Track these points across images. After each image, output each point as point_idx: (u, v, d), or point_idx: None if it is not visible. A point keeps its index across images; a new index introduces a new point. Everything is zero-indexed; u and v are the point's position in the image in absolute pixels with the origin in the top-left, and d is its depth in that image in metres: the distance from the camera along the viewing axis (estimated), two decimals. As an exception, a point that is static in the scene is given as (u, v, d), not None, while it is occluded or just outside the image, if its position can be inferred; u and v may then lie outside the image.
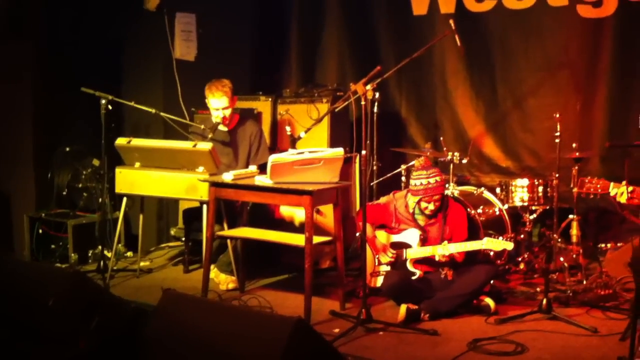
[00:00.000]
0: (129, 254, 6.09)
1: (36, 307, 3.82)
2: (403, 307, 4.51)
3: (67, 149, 6.15)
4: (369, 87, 5.17)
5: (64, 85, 5.95)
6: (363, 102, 4.34)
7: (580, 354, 4.02)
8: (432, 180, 4.69)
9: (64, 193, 6.12)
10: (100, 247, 5.64)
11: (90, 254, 5.93)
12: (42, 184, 6.16)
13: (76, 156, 6.14)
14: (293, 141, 4.92)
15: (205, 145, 4.92)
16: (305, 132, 4.70)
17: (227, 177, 4.69)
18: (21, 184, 6.13)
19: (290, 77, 7.56)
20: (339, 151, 4.54)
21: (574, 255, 5.31)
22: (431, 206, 4.74)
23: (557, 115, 5.20)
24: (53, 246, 5.98)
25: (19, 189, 6.12)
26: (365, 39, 7.15)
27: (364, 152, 4.32)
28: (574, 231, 5.39)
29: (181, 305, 3.74)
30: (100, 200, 5.82)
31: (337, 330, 4.32)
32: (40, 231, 5.97)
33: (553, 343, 4.16)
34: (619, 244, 5.44)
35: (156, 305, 3.82)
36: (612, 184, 4.39)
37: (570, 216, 5.36)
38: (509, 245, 4.51)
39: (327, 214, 5.19)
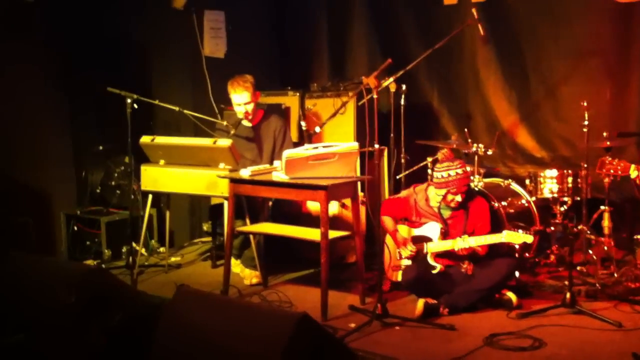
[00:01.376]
0: (162, 249, 6.19)
1: (57, 305, 3.92)
2: (420, 302, 4.46)
3: (100, 147, 6.29)
4: (390, 79, 5.19)
5: (96, 85, 6.06)
6: (375, 96, 4.30)
7: (600, 349, 3.92)
8: (458, 172, 4.61)
9: (98, 191, 6.26)
10: (133, 243, 5.75)
11: (124, 250, 6.05)
12: (78, 183, 6.34)
13: (109, 155, 6.28)
14: (309, 136, 4.91)
15: (224, 142, 4.96)
16: (321, 127, 4.68)
17: (245, 173, 4.72)
18: (61, 184, 6.28)
19: (321, 72, 7.54)
20: (354, 145, 4.53)
21: (605, 248, 5.15)
22: (458, 198, 4.66)
23: (585, 104, 5.05)
24: (88, 243, 6.13)
25: (59, 189, 6.27)
26: (395, 31, 7.07)
27: (376, 146, 4.29)
28: (606, 222, 5.22)
29: (192, 302, 3.75)
30: (131, 197, 5.93)
31: (353, 325, 4.30)
32: (76, 228, 6.12)
33: (573, 338, 4.06)
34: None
35: (168, 301, 3.90)
36: (633, 165, 4.21)
37: (602, 207, 5.20)
38: (529, 239, 4.40)
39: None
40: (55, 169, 6.20)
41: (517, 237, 4.42)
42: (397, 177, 5.69)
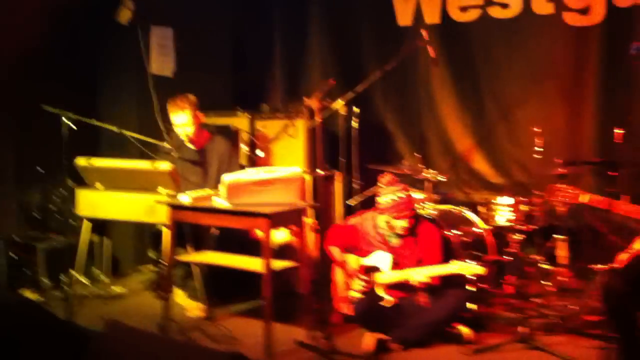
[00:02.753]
0: (104, 278, 5.87)
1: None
2: (371, 337, 4.25)
3: (39, 168, 5.96)
4: (339, 101, 5.01)
5: (37, 102, 5.77)
6: (319, 118, 4.09)
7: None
8: (400, 195, 4.44)
9: (35, 214, 5.93)
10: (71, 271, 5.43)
11: (63, 279, 5.71)
12: (18, 205, 6.00)
13: (47, 176, 5.94)
14: (250, 160, 4.68)
15: (164, 166, 4.70)
16: (262, 151, 4.45)
17: (184, 198, 4.46)
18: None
19: (276, 93, 7.36)
20: (297, 171, 4.30)
21: (560, 278, 5.00)
22: (403, 223, 4.46)
23: (538, 130, 4.91)
24: (25, 270, 5.77)
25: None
26: (351, 52, 6.92)
27: (318, 170, 4.07)
28: (561, 252, 5.09)
29: (121, 338, 3.54)
30: (70, 221, 5.62)
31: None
32: (12, 254, 5.76)
33: (528, 376, 3.88)
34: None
35: (96, 336, 3.66)
36: (584, 193, 4.05)
37: (556, 236, 5.05)
38: (480, 270, 4.22)
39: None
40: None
41: (467, 269, 4.24)
42: (348, 202, 5.50)
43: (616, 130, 4.81)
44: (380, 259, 4.52)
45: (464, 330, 4.36)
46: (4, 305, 4.00)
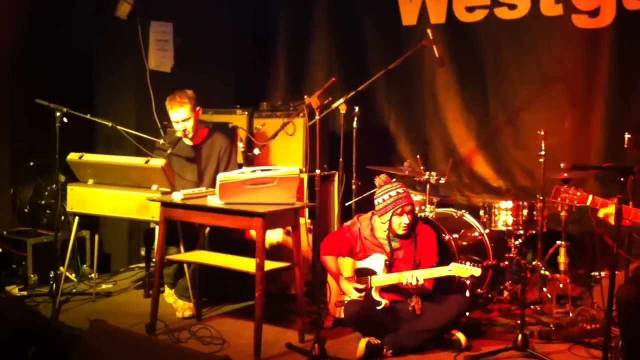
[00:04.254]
0: (93, 275, 5.76)
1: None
2: (362, 342, 4.12)
3: (31, 163, 5.87)
4: (340, 100, 4.89)
5: (33, 97, 5.68)
6: (318, 117, 3.98)
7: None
8: (398, 191, 4.32)
9: (26, 210, 5.83)
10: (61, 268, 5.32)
11: (51, 275, 5.61)
12: (10, 200, 5.90)
13: (40, 171, 5.85)
14: (247, 158, 4.56)
15: (157, 162, 4.58)
16: (260, 149, 4.34)
17: (177, 196, 4.35)
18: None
19: (277, 90, 7.25)
20: (294, 170, 4.18)
21: (561, 285, 4.86)
22: (405, 219, 4.30)
23: (542, 133, 4.78)
24: (14, 266, 5.68)
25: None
26: (354, 50, 6.83)
27: (317, 171, 3.95)
28: (562, 258, 4.96)
29: (106, 339, 3.45)
30: (61, 218, 5.51)
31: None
32: (1, 250, 5.67)
33: (523, 386, 3.75)
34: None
35: (81, 336, 3.57)
36: (591, 195, 3.92)
37: (558, 242, 4.92)
38: (476, 272, 4.07)
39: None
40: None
41: (464, 270, 4.10)
42: (346, 204, 5.38)
43: (627, 135, 4.66)
44: (375, 261, 4.40)
45: (461, 336, 4.23)
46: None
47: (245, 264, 4.35)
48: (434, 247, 4.44)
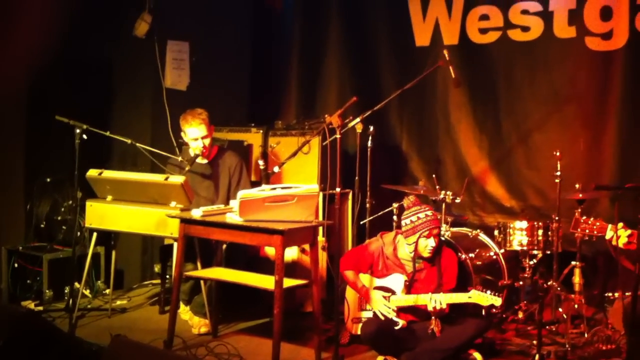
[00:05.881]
0: (108, 291, 5.79)
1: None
2: (380, 360, 4.14)
3: (48, 179, 5.91)
4: (357, 119, 4.93)
5: (49, 113, 5.73)
6: (338, 135, 4.02)
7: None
8: (427, 213, 4.32)
9: (43, 225, 5.87)
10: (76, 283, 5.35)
11: (66, 291, 5.63)
12: (27, 216, 5.94)
13: (56, 187, 5.89)
14: (266, 176, 4.61)
15: (177, 179, 4.63)
16: (279, 166, 4.38)
17: (196, 213, 4.39)
18: (7, 215, 5.89)
19: (290, 109, 7.30)
20: (314, 188, 4.23)
21: (576, 305, 4.88)
22: (432, 242, 4.30)
23: (558, 154, 4.81)
24: (29, 281, 5.71)
25: (5, 221, 5.88)
26: (367, 70, 6.88)
27: (338, 189, 3.99)
28: (577, 279, 4.97)
29: (127, 354, 3.50)
30: (77, 233, 5.55)
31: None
32: (16, 265, 5.70)
33: (542, 406, 3.75)
34: (627, 293, 4.98)
35: (102, 352, 3.61)
36: (609, 225, 3.97)
37: (573, 262, 4.94)
38: (497, 302, 4.07)
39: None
40: (2, 199, 5.81)
41: (484, 299, 4.10)
42: (361, 222, 5.41)
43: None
44: (395, 281, 4.41)
45: (478, 356, 4.24)
46: (7, 316, 3.95)
47: (263, 281, 4.38)
48: (455, 271, 4.45)
